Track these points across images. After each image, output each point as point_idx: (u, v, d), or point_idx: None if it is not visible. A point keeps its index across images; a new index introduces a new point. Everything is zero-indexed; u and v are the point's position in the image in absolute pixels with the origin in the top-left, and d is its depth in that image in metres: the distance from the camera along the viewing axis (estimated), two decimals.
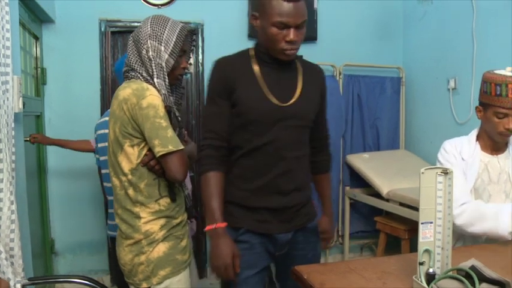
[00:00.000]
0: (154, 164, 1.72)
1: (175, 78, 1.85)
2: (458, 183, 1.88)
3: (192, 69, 4.06)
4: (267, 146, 1.74)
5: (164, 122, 1.68)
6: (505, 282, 1.16)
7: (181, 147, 1.70)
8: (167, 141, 1.66)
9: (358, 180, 4.17)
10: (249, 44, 1.86)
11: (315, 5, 4.21)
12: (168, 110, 1.73)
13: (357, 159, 4.18)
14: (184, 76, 2.21)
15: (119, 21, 3.77)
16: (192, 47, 1.96)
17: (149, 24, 1.77)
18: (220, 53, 1.86)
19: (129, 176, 1.73)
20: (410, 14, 4.47)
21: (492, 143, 2.02)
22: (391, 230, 3.83)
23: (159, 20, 1.78)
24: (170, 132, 1.68)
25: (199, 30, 3.96)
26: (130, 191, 1.74)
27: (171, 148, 1.66)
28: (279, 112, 1.73)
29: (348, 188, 4.31)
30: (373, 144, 4.47)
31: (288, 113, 1.75)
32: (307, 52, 4.11)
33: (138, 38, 1.77)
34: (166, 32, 1.76)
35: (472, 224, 1.87)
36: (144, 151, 1.72)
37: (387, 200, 3.67)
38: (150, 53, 1.74)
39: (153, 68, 1.74)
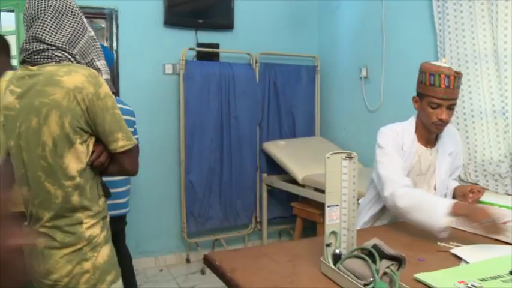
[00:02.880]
0: (104, 161, 1.52)
1: None
2: (396, 164, 1.93)
3: None
4: None
5: (119, 112, 1.51)
6: (401, 257, 1.24)
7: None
8: (129, 133, 1.52)
9: (274, 167, 4.24)
10: (166, 32, 1.60)
11: None
12: None
13: (273, 146, 4.25)
14: None
15: None
16: None
17: None
18: (136, 40, 1.71)
19: (77, 179, 1.47)
20: (325, 4, 4.60)
21: (427, 135, 2.05)
22: (307, 214, 3.95)
23: None
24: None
25: (114, 16, 3.82)
26: (75, 197, 1.47)
27: (134, 141, 1.53)
28: None
29: (265, 175, 4.38)
30: (289, 132, 4.56)
31: None
32: (224, 40, 4.16)
33: (68, 9, 1.49)
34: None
35: (408, 212, 1.80)
36: (91, 148, 1.50)
37: (303, 186, 3.77)
38: (92, 32, 1.53)
39: (97, 48, 1.54)
